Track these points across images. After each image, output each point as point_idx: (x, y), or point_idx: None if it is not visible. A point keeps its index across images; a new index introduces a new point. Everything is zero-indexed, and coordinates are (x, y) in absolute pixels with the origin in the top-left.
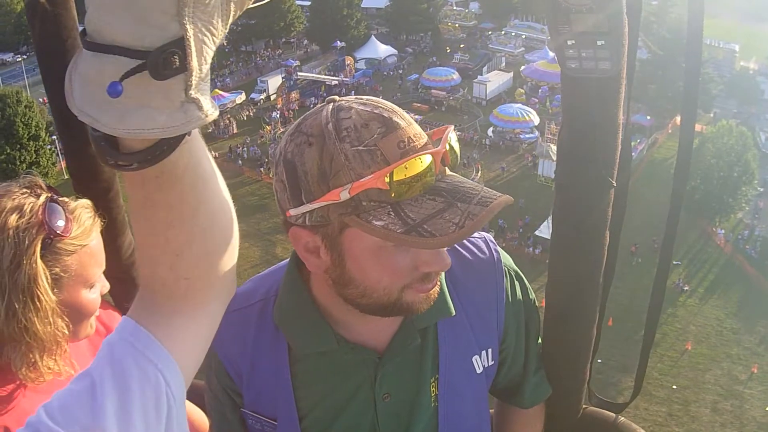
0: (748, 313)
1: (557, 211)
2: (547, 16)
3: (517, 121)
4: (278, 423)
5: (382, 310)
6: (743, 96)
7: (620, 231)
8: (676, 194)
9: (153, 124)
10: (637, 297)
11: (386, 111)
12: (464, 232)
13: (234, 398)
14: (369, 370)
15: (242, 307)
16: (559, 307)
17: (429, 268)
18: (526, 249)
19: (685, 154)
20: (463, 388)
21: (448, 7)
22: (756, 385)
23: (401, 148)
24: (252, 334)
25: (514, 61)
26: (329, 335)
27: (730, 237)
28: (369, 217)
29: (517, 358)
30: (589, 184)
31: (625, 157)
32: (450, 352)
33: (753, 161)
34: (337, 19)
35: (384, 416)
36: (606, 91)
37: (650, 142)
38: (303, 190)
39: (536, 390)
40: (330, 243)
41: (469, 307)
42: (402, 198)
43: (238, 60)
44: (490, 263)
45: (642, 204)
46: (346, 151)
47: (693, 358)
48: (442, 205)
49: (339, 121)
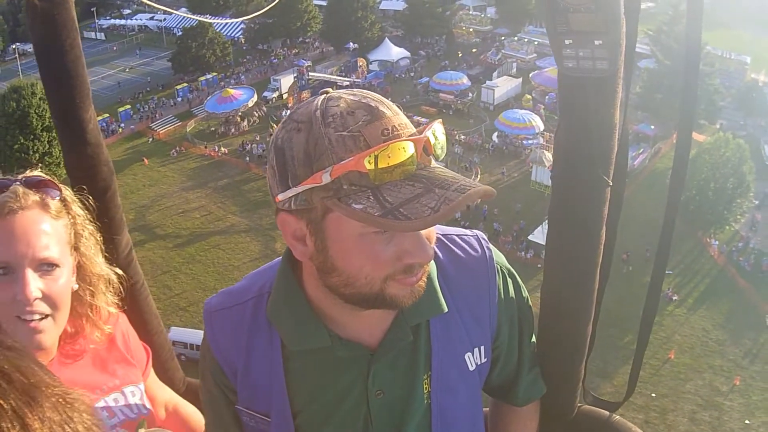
0: (735, 325)
1: (554, 210)
2: (545, 16)
3: (522, 126)
4: (272, 419)
5: (365, 301)
6: (751, 108)
7: (616, 229)
8: (671, 204)
9: None
10: (625, 304)
11: (373, 101)
12: (439, 216)
13: (228, 395)
14: (362, 366)
15: (236, 303)
16: (554, 305)
17: (411, 259)
18: (519, 253)
19: (681, 165)
20: (456, 385)
21: (465, 11)
22: (737, 397)
23: (385, 135)
24: (246, 330)
25: (525, 67)
26: (322, 332)
27: (724, 249)
28: (349, 200)
29: (510, 355)
30: (586, 183)
31: (622, 156)
32: (442, 350)
33: (749, 174)
34: (352, 21)
35: (377, 412)
36: (603, 91)
37: (653, 151)
38: (290, 174)
39: (530, 388)
40: (314, 228)
41: (461, 304)
42: (382, 182)
43: (254, 58)
44: (482, 261)
45: (639, 213)
46: (330, 135)
47: (675, 367)
48: (420, 190)
49: (327, 108)
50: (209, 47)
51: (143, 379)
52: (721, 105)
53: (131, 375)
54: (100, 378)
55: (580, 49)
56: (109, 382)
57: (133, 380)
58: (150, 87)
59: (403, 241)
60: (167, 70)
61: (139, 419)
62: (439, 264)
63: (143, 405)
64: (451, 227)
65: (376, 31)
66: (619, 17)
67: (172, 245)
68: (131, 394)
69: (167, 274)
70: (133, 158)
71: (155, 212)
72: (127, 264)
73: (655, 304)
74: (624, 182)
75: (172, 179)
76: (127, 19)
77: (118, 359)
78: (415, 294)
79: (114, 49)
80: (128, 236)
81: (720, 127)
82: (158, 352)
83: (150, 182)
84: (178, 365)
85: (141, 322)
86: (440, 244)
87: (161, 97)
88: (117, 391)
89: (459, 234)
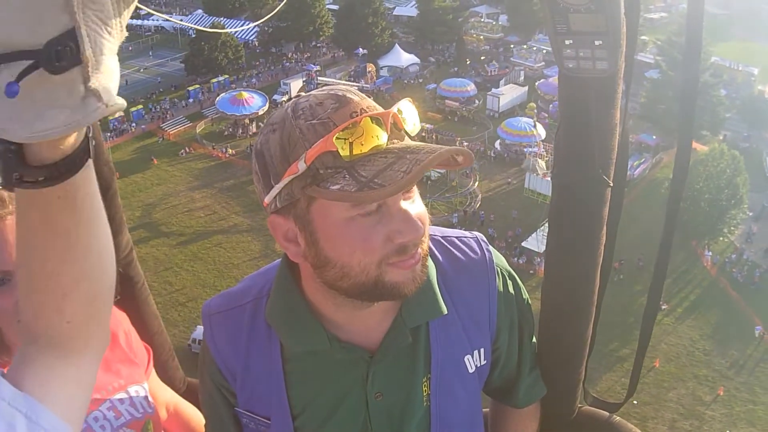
0: (723, 336)
1: (554, 210)
2: (545, 16)
3: (524, 135)
4: (271, 422)
5: (365, 292)
6: (755, 119)
7: (616, 230)
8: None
9: (56, 122)
10: (613, 312)
11: (341, 91)
12: (412, 177)
13: (228, 397)
14: (361, 369)
15: (236, 306)
16: (555, 306)
17: (402, 238)
18: (512, 258)
19: (680, 174)
20: (456, 387)
21: (477, 19)
22: (719, 407)
23: (353, 117)
24: (245, 333)
25: (533, 75)
26: (321, 334)
27: (717, 260)
28: (327, 184)
29: (510, 357)
30: (586, 184)
31: (622, 156)
32: (442, 352)
33: (743, 186)
34: (362, 27)
35: (376, 415)
36: (603, 91)
37: (655, 161)
38: (271, 173)
39: (531, 390)
40: (302, 223)
41: (461, 306)
42: (355, 159)
43: (267, 61)
44: (482, 263)
45: (634, 222)
46: (300, 126)
47: (659, 375)
48: (392, 159)
49: (297, 104)
50: (221, 50)
51: (146, 378)
52: (727, 116)
53: (135, 374)
54: (106, 378)
55: (580, 49)
56: (114, 382)
57: (137, 379)
58: (162, 88)
59: (391, 221)
60: (181, 71)
61: (145, 419)
62: (438, 266)
63: (148, 404)
64: (450, 230)
65: (387, 37)
66: (619, 17)
67: (175, 243)
68: (136, 393)
69: (169, 270)
70: (143, 157)
71: (161, 210)
72: (128, 264)
73: (656, 308)
74: (624, 182)
75: (179, 179)
76: (143, 19)
77: (121, 359)
78: (417, 280)
79: (130, 49)
80: (128, 236)
81: (723, 139)
82: (158, 352)
83: (158, 181)
84: (178, 365)
85: (141, 322)
86: (439, 246)
87: (173, 98)
88: (122, 390)
89: (458, 236)
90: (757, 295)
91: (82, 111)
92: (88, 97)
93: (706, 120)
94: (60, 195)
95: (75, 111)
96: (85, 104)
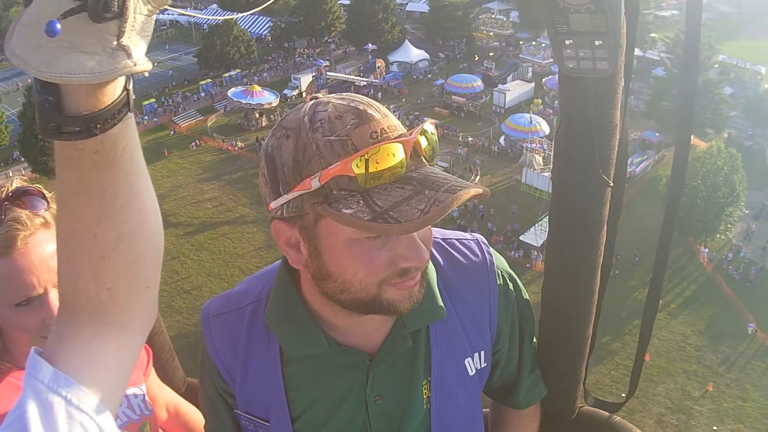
0: (715, 332)
1: (554, 210)
2: (545, 16)
3: (528, 130)
4: (271, 424)
5: (362, 307)
6: (759, 118)
7: (616, 230)
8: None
9: (81, 68)
10: (607, 307)
11: (362, 104)
12: (429, 218)
13: (227, 399)
14: (361, 372)
15: (235, 308)
16: (555, 307)
17: (406, 263)
18: (509, 252)
19: (679, 170)
20: (456, 390)
21: (487, 15)
22: (708, 403)
23: (373, 138)
24: (244, 335)
25: (541, 71)
26: (320, 338)
27: (714, 257)
28: (339, 205)
29: (511, 359)
30: (586, 183)
31: (622, 156)
32: (442, 355)
33: (740, 183)
34: (373, 23)
35: (376, 418)
36: (603, 91)
37: (657, 158)
38: (280, 181)
39: (531, 390)
40: (307, 235)
41: (461, 309)
42: (371, 186)
43: (279, 56)
44: (482, 266)
45: (632, 218)
46: (317, 140)
47: (648, 369)
48: (410, 192)
49: (315, 113)
50: (234, 44)
51: (144, 379)
52: (732, 114)
53: (133, 376)
54: None
55: (580, 49)
56: None
57: (134, 381)
58: (175, 81)
59: (398, 245)
60: (194, 65)
61: (141, 420)
62: (438, 269)
63: (145, 406)
64: (451, 231)
65: (397, 33)
66: (619, 17)
67: (183, 233)
68: (133, 395)
69: (176, 259)
70: (155, 149)
71: (170, 201)
72: None
73: (656, 304)
74: (624, 182)
75: (189, 171)
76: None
77: None
78: (413, 299)
79: None
80: None
81: (728, 137)
82: (158, 353)
83: (168, 173)
84: (179, 365)
85: None
86: (440, 248)
87: (185, 92)
88: None
89: (459, 238)
90: (752, 293)
91: (110, 63)
92: (119, 52)
93: (708, 118)
94: (97, 149)
95: (102, 62)
96: (114, 58)
